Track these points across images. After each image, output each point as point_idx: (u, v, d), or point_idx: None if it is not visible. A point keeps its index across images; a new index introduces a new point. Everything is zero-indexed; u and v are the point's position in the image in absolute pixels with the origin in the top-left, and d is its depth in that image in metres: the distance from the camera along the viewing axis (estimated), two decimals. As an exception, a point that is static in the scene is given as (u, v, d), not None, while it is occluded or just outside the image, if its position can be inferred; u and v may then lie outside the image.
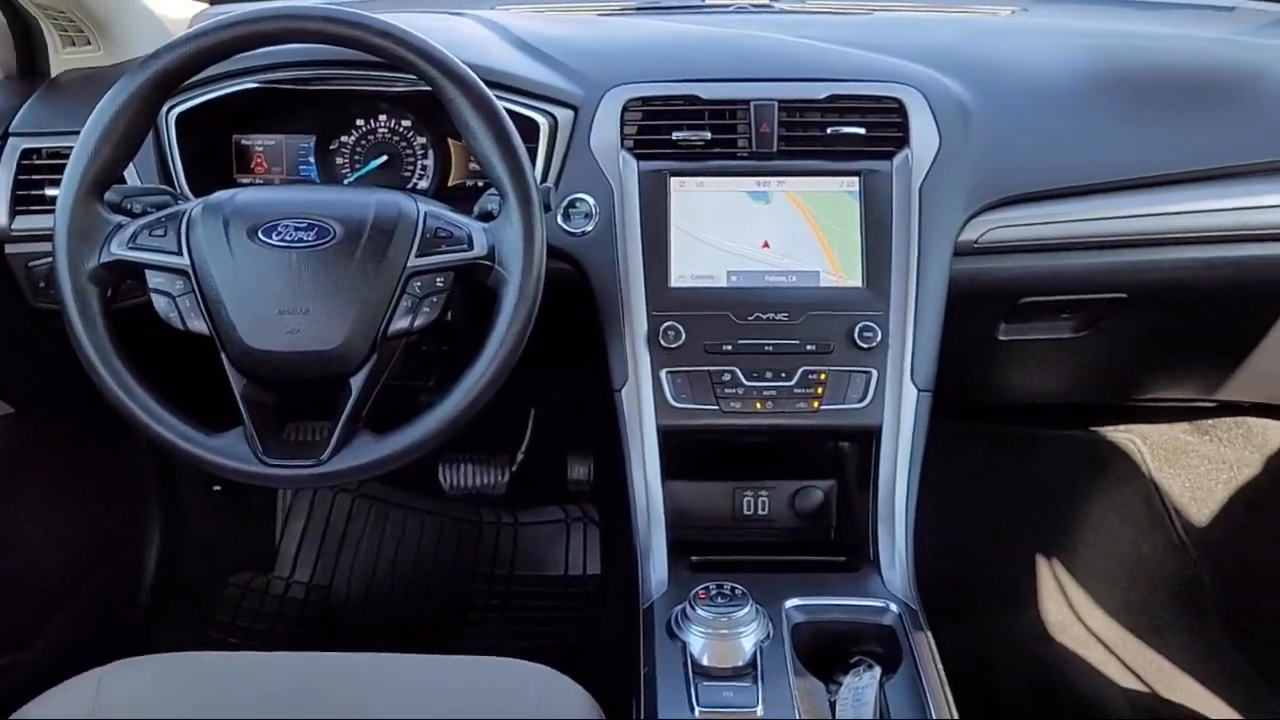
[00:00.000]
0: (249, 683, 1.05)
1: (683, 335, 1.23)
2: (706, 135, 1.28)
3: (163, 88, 1.09)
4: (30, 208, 1.30)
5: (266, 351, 1.05)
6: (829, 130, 1.28)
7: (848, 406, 1.23)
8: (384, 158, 1.42)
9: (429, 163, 1.43)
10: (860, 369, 1.23)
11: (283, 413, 1.14)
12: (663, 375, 1.24)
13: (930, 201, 1.26)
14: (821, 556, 1.27)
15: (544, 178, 1.29)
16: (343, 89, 1.34)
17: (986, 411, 1.93)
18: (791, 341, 1.24)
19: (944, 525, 1.46)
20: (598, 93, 1.31)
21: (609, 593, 1.96)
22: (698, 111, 1.29)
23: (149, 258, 1.07)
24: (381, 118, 1.42)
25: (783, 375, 1.23)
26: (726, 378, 1.23)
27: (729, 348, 1.24)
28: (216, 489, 1.95)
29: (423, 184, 1.43)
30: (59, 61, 1.44)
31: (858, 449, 1.31)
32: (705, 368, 1.24)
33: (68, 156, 1.07)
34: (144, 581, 1.84)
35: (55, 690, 1.03)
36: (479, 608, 1.95)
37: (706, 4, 1.68)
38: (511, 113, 1.12)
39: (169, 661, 1.07)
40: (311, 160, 1.42)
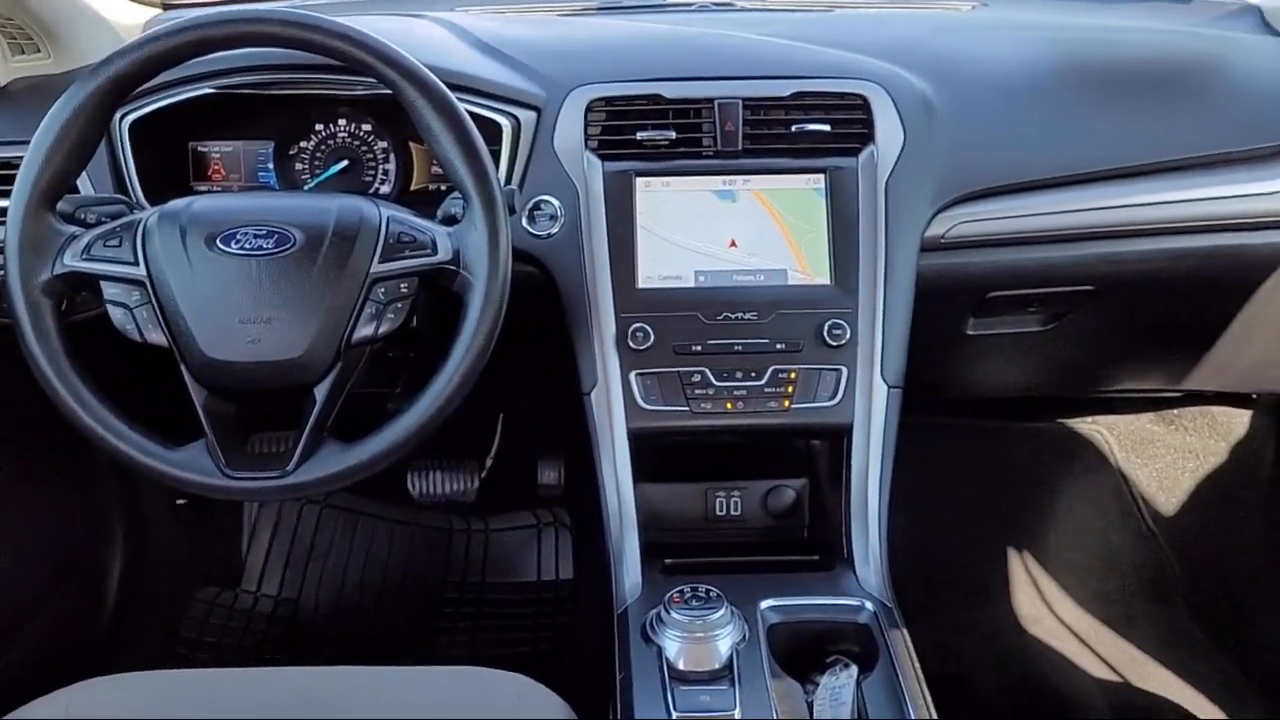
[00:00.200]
0: (218, 700, 1.03)
1: (651, 336, 1.22)
2: (671, 135, 1.28)
3: (115, 94, 1.06)
4: (-21, 220, 1.27)
5: (228, 362, 1.04)
6: (794, 128, 1.28)
7: (818, 405, 1.23)
8: (344, 163, 1.40)
9: (391, 167, 1.41)
10: (830, 367, 1.23)
11: (246, 424, 1.12)
12: (632, 377, 1.23)
13: (896, 197, 1.26)
14: (795, 556, 1.27)
15: (508, 180, 1.28)
16: (301, 93, 1.31)
17: (956, 406, 1.94)
18: (761, 341, 1.23)
19: (916, 521, 1.46)
20: (560, 93, 1.30)
21: (582, 598, 1.94)
22: (662, 111, 1.29)
23: (104, 269, 1.04)
24: (341, 122, 1.40)
25: (753, 375, 1.23)
26: (696, 378, 1.23)
27: (698, 348, 1.23)
28: (181, 503, 1.92)
29: (385, 189, 1.41)
30: (7, 70, 1.40)
31: (829, 447, 1.31)
32: (675, 369, 1.23)
33: (17, 167, 1.05)
34: (108, 599, 1.81)
35: (21, 711, 1.00)
36: (451, 616, 1.93)
37: (669, 3, 1.67)
38: (473, 115, 1.11)
39: (137, 680, 1.05)
40: (271, 167, 1.40)
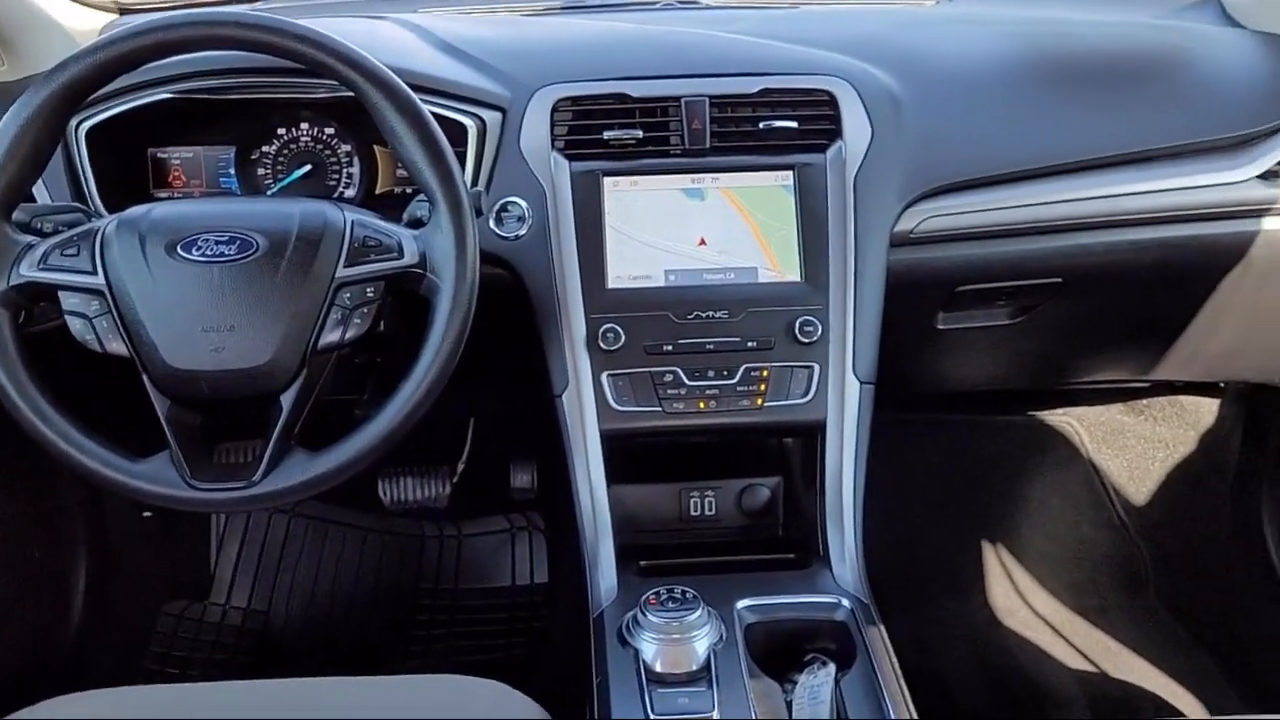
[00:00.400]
0: (188, 716, 1.01)
1: (622, 337, 1.22)
2: (638, 133, 1.27)
3: (70, 100, 1.04)
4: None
5: (191, 371, 1.02)
6: (761, 125, 1.28)
7: (791, 402, 1.23)
8: (308, 167, 1.39)
9: (355, 171, 1.39)
10: (802, 364, 1.23)
11: (211, 434, 1.10)
12: (603, 378, 1.22)
13: (865, 193, 1.26)
14: (771, 555, 1.26)
15: (474, 182, 1.26)
16: (262, 97, 1.30)
17: (927, 401, 1.95)
18: (732, 339, 1.23)
19: (890, 517, 1.46)
20: (526, 94, 1.29)
21: (557, 602, 1.93)
22: (628, 110, 1.28)
23: (62, 278, 1.02)
24: (304, 126, 1.39)
25: (725, 373, 1.22)
26: (668, 378, 1.22)
27: (669, 348, 1.22)
28: (146, 515, 1.90)
29: (349, 193, 1.40)
30: (-40, 78, 1.38)
31: (802, 444, 1.30)
32: (646, 369, 1.22)
33: None
34: (73, 614, 1.78)
35: None
36: (425, 624, 1.92)
37: (633, 2, 1.66)
38: (438, 116, 1.10)
39: (105, 697, 1.03)
40: (232, 172, 1.38)
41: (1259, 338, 1.58)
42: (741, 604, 1.12)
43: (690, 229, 1.26)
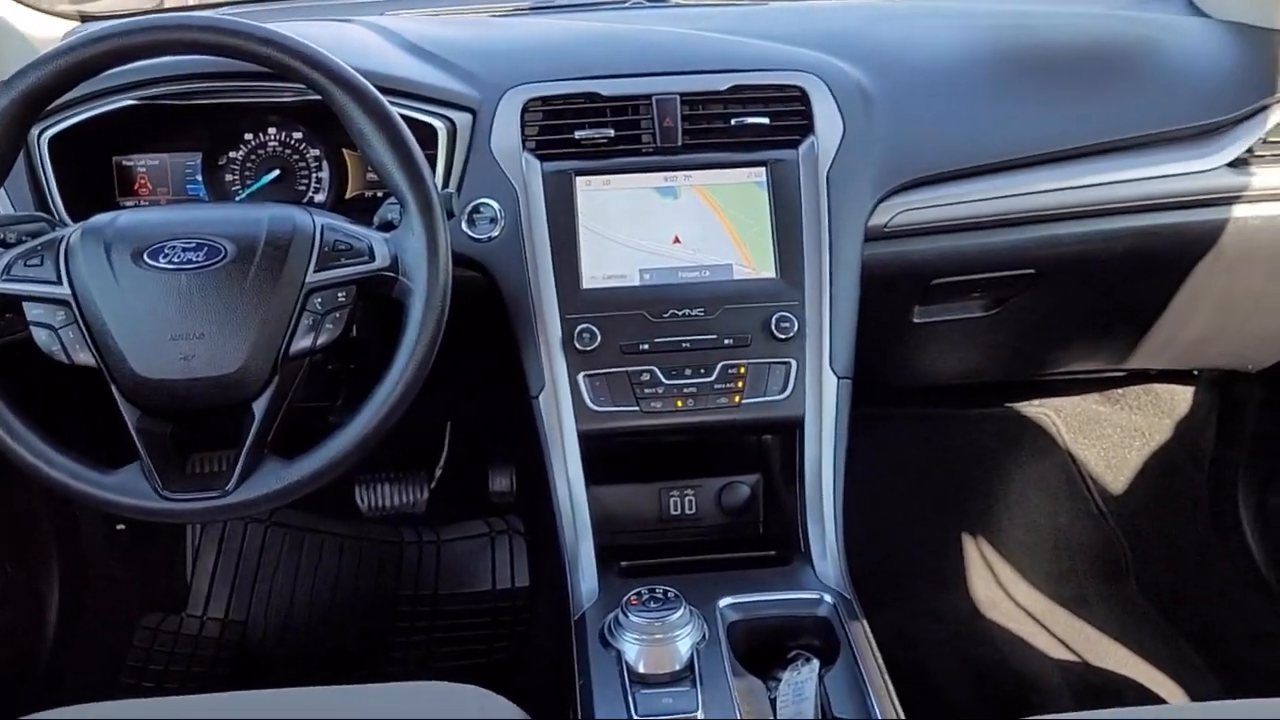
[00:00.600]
0: (165, 731, 1.00)
1: (598, 337, 1.21)
2: (610, 132, 1.27)
3: (30, 108, 1.03)
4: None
5: (160, 380, 1.01)
6: (733, 121, 1.28)
7: (769, 399, 1.22)
8: (276, 172, 1.37)
9: (324, 175, 1.38)
10: (779, 360, 1.23)
11: (183, 444, 1.09)
12: (580, 379, 1.21)
13: (838, 188, 1.26)
14: (752, 552, 1.26)
15: (445, 184, 1.26)
16: (228, 102, 1.28)
17: (905, 395, 1.95)
18: (709, 337, 1.23)
19: (870, 511, 1.46)
20: (496, 94, 1.28)
21: (539, 605, 1.92)
22: (599, 109, 1.28)
23: (26, 289, 1.01)
24: (271, 130, 1.37)
25: (702, 371, 1.22)
26: (645, 377, 1.21)
27: (646, 347, 1.22)
28: (120, 528, 1.87)
29: (319, 197, 1.38)
30: (-81, 87, 1.35)
31: (781, 441, 1.30)
32: (623, 368, 1.22)
33: None
34: (47, 630, 1.75)
35: None
36: (405, 630, 1.90)
37: (602, 1, 1.66)
38: (407, 119, 1.09)
39: (81, 713, 1.01)
40: (199, 179, 1.37)
41: (1230, 325, 1.59)
42: (724, 602, 1.11)
43: (664, 227, 1.26)
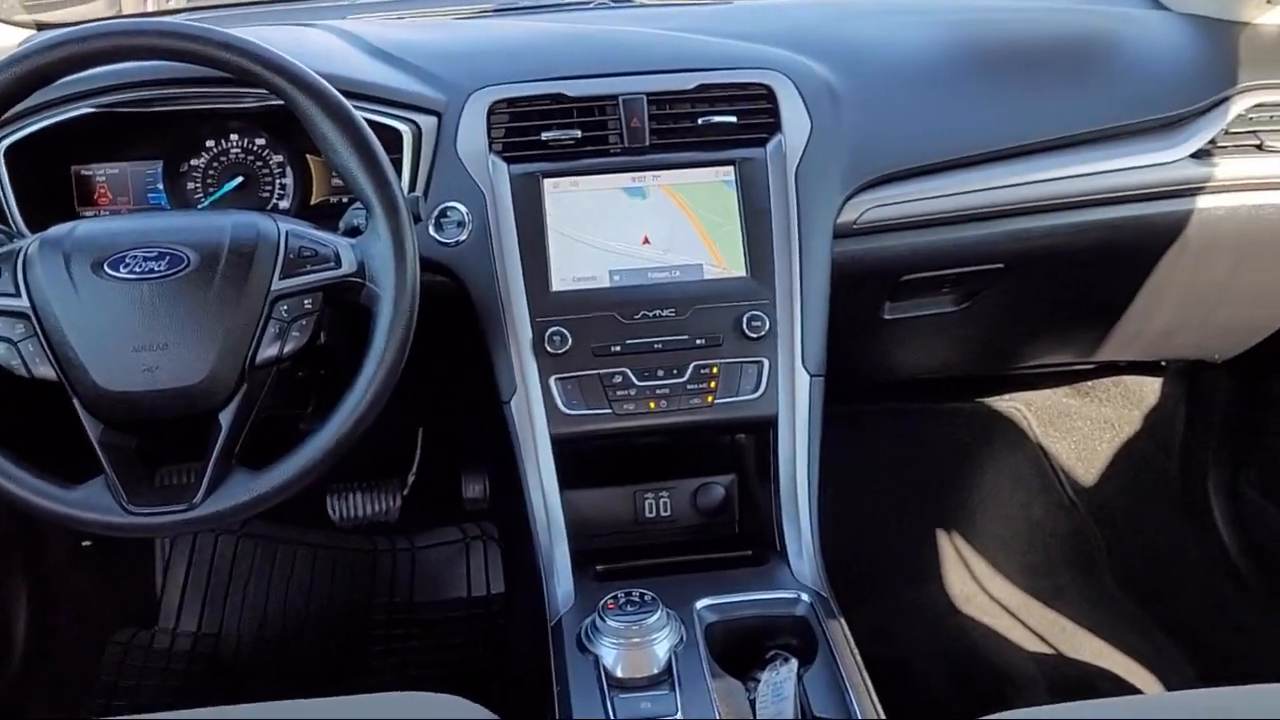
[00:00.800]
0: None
1: (569, 340, 1.20)
2: (577, 133, 1.26)
3: (-16, 117, 1.01)
4: None
5: (124, 393, 0.99)
6: (700, 120, 1.27)
7: (742, 398, 1.22)
8: (239, 179, 1.35)
9: (288, 181, 1.36)
10: (751, 359, 1.22)
11: (149, 457, 1.07)
12: (552, 382, 1.20)
13: (806, 185, 1.26)
14: (728, 553, 1.25)
15: (411, 188, 1.24)
16: (188, 109, 1.26)
17: (877, 391, 1.95)
18: (680, 337, 1.22)
19: (845, 509, 1.46)
20: (461, 97, 1.27)
21: (515, 611, 1.91)
22: (566, 110, 1.27)
23: None
24: (233, 137, 1.35)
25: (674, 372, 1.21)
26: (618, 379, 1.21)
27: (617, 349, 1.21)
28: (86, 545, 1.84)
29: (284, 204, 1.37)
30: None
31: (755, 440, 1.30)
32: (595, 371, 1.21)
33: None
34: (14, 650, 1.72)
35: None
36: (381, 640, 1.88)
37: (566, 2, 1.65)
38: (371, 123, 1.08)
39: None
40: (161, 187, 1.34)
41: (1196, 315, 1.60)
42: (701, 604, 1.11)
43: (633, 228, 1.25)
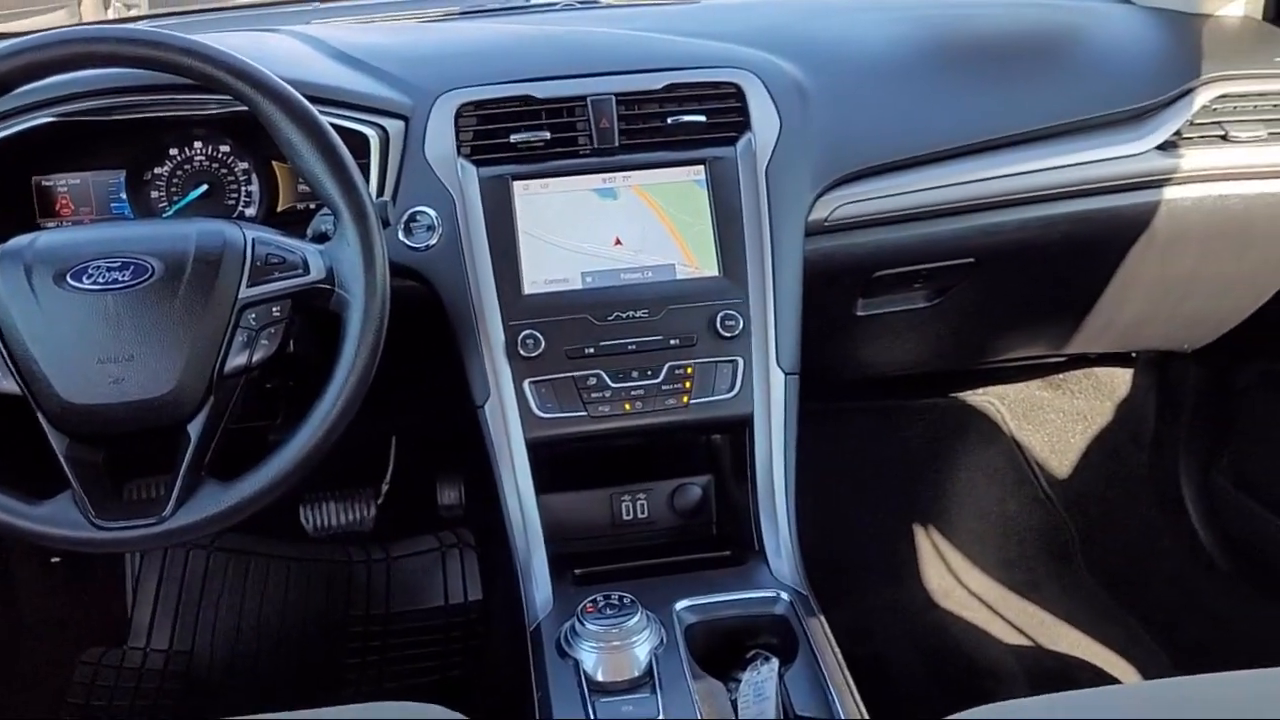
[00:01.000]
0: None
1: (542, 343, 1.19)
2: (546, 135, 1.25)
3: (-59, 128, 0.99)
4: None
5: (89, 406, 0.97)
6: (669, 120, 1.27)
7: (717, 398, 1.21)
8: (204, 187, 1.33)
9: (254, 188, 1.35)
10: (726, 358, 1.22)
11: (118, 471, 1.05)
12: (525, 386, 1.20)
13: (777, 183, 1.26)
14: (706, 553, 1.25)
15: (379, 192, 1.23)
16: (151, 116, 1.24)
17: (851, 388, 1.96)
18: (654, 338, 1.21)
19: (822, 506, 1.46)
20: (428, 100, 1.26)
21: (493, 618, 1.90)
22: (534, 112, 1.26)
23: None
24: (197, 145, 1.33)
25: (649, 373, 1.21)
26: (592, 382, 1.20)
27: (591, 351, 1.21)
28: (55, 561, 1.81)
29: (250, 211, 1.35)
30: None
31: (731, 440, 1.29)
32: (569, 374, 1.20)
33: None
34: (-19, 673, 1.69)
35: None
36: (358, 651, 1.86)
37: (532, 4, 1.65)
38: (337, 127, 1.07)
39: None
40: (123, 197, 1.32)
41: (1165, 306, 1.61)
42: (680, 605, 1.10)
43: (604, 229, 1.25)
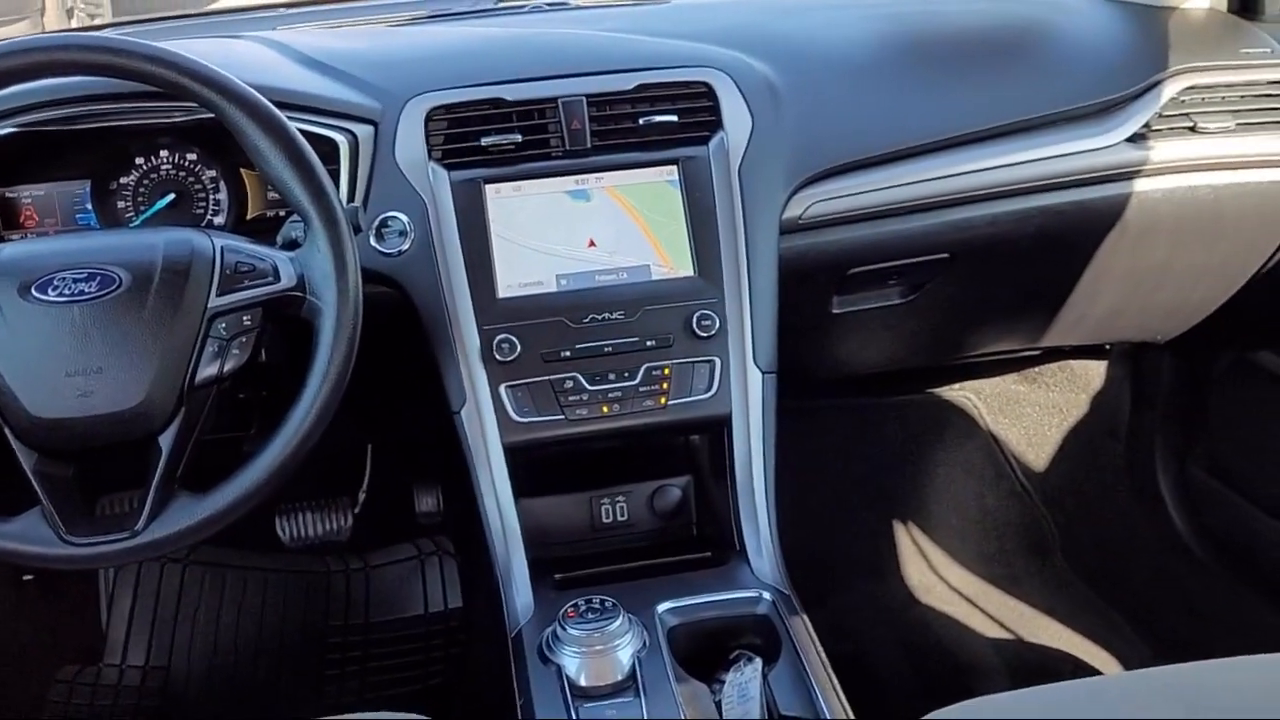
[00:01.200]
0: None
1: (518, 347, 1.19)
2: (517, 138, 1.24)
3: (-101, 139, 0.97)
4: None
5: (57, 420, 0.96)
6: (641, 120, 1.27)
7: (695, 398, 1.21)
8: (171, 196, 1.31)
9: (222, 196, 1.33)
10: (703, 359, 1.22)
11: (89, 485, 1.03)
12: (502, 390, 1.19)
13: (750, 182, 1.26)
14: (687, 555, 1.24)
15: (350, 198, 1.22)
16: (116, 125, 1.22)
17: (828, 386, 1.96)
18: (630, 339, 1.21)
19: (801, 505, 1.46)
20: (397, 104, 1.25)
21: (474, 625, 1.89)
22: (505, 114, 1.25)
23: None
24: (163, 153, 1.31)
25: (626, 375, 1.20)
26: (569, 385, 1.19)
27: (567, 354, 1.20)
28: (27, 579, 1.78)
29: (219, 220, 1.33)
30: None
31: (710, 440, 1.29)
32: (545, 377, 1.19)
33: None
34: (-46, 694, 1.66)
35: None
36: (338, 662, 1.85)
37: (501, 6, 1.64)
38: (306, 133, 1.06)
39: None
40: (89, 207, 1.30)
41: (1138, 298, 1.62)
42: (662, 608, 1.10)
43: (578, 231, 1.24)
